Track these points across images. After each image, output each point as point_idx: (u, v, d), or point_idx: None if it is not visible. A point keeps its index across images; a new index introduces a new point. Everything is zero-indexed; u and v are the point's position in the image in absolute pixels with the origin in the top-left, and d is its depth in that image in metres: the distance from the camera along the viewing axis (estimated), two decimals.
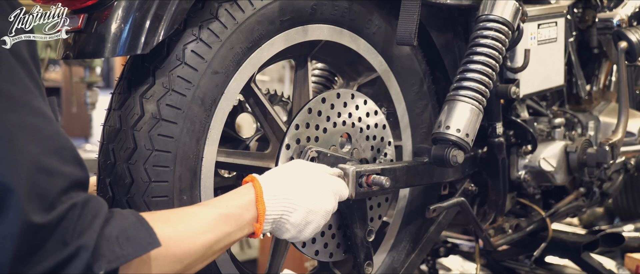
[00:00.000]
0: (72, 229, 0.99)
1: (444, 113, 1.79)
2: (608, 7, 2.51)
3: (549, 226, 2.32)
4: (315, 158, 1.61)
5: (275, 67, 5.23)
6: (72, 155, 1.03)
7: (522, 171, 2.18)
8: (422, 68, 1.94)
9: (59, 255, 0.97)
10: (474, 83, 1.80)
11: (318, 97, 1.66)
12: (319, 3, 1.66)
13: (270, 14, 1.57)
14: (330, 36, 1.71)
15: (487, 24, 1.85)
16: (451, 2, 1.90)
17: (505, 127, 2.11)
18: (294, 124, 1.60)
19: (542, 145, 2.20)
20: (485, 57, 1.82)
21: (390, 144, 1.82)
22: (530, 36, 2.10)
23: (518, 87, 2.03)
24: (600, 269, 2.51)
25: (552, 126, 2.26)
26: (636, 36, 2.31)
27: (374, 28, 1.79)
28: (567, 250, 2.52)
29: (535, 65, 2.10)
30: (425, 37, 1.94)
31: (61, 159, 1.00)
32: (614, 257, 2.85)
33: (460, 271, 2.80)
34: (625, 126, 2.31)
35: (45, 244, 0.96)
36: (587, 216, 3.31)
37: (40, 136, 0.98)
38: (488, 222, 2.16)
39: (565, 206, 2.39)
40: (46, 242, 0.96)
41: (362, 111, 1.74)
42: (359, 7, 1.75)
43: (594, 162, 2.24)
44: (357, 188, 1.62)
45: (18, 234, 0.93)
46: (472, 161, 2.06)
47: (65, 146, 1.02)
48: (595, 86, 2.56)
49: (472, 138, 1.79)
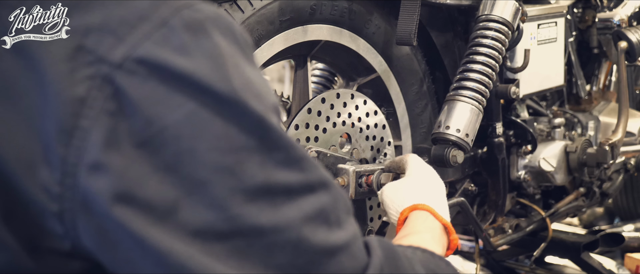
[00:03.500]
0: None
1: (443, 113, 1.79)
2: (608, 7, 2.51)
3: (549, 226, 2.32)
4: (315, 159, 1.61)
5: (275, 67, 5.23)
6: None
7: (522, 171, 2.18)
8: (422, 68, 1.94)
9: None
10: (474, 83, 1.80)
11: (318, 97, 1.66)
12: (319, 3, 1.66)
13: (270, 14, 1.57)
14: (330, 36, 1.72)
15: (487, 24, 1.85)
16: (451, 2, 1.90)
17: (505, 127, 2.11)
18: (294, 124, 1.60)
19: (542, 145, 2.20)
20: (485, 57, 1.82)
21: (390, 144, 1.82)
22: (530, 36, 2.10)
23: (518, 87, 2.03)
24: (600, 269, 2.51)
25: (552, 126, 2.26)
26: (636, 36, 2.31)
27: (373, 28, 1.79)
28: (567, 250, 2.52)
29: (535, 65, 2.10)
30: (425, 37, 1.94)
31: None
32: (614, 257, 2.84)
33: (460, 271, 2.80)
34: (625, 126, 2.31)
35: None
36: (587, 216, 3.31)
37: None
38: (488, 222, 2.16)
39: (565, 206, 2.38)
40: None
41: (362, 111, 1.74)
42: (359, 7, 1.75)
43: (594, 162, 2.24)
44: (356, 188, 1.62)
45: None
46: (472, 161, 2.06)
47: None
48: (595, 86, 2.56)
49: (472, 138, 1.79)
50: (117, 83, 0.79)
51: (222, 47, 0.82)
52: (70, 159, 0.79)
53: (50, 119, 0.80)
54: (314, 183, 0.86)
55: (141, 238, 0.78)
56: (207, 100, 0.80)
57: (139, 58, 0.79)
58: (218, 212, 0.79)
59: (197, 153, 0.79)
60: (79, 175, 0.79)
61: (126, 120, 0.78)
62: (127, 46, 0.80)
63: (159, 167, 0.78)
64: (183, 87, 0.79)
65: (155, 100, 0.79)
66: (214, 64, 0.81)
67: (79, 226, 0.80)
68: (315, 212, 0.84)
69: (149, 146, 0.78)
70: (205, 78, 0.80)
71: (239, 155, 0.80)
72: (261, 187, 0.81)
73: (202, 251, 0.79)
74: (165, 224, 0.78)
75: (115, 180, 0.78)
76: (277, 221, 0.82)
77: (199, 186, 0.79)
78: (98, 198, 0.78)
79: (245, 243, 0.80)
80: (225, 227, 0.80)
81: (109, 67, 0.79)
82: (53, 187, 0.80)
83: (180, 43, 0.80)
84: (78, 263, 0.84)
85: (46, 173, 0.80)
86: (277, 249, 0.82)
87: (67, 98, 0.79)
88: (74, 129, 0.79)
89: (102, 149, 0.78)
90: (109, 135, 0.78)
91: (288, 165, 0.84)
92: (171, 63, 0.79)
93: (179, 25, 0.81)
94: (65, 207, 0.80)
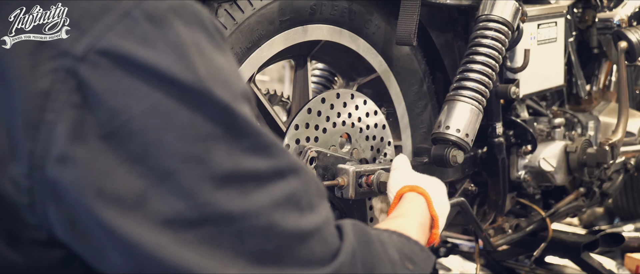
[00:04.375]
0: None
1: (443, 113, 1.79)
2: (608, 7, 2.51)
3: (549, 226, 2.32)
4: (315, 159, 1.61)
5: (275, 67, 5.23)
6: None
7: (522, 171, 2.18)
8: (422, 68, 1.94)
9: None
10: (474, 83, 1.80)
11: (318, 97, 1.66)
12: (319, 3, 1.66)
13: (270, 14, 1.57)
14: (330, 36, 1.72)
15: (487, 24, 1.85)
16: (451, 2, 1.90)
17: (505, 127, 2.11)
18: (294, 124, 1.60)
19: (542, 145, 2.20)
20: (485, 57, 1.82)
21: (390, 144, 1.82)
22: (530, 36, 2.10)
23: (518, 87, 2.03)
24: (600, 269, 2.51)
25: (552, 126, 2.26)
26: (636, 36, 2.32)
27: (373, 28, 1.79)
28: (567, 250, 2.52)
29: (535, 65, 2.10)
30: (425, 37, 1.94)
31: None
32: (614, 257, 2.85)
33: (460, 271, 2.80)
34: (625, 126, 2.31)
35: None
36: (587, 216, 3.31)
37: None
38: (488, 222, 2.16)
39: (565, 206, 2.39)
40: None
41: (362, 111, 1.74)
42: (359, 7, 1.75)
43: (594, 162, 2.24)
44: (356, 188, 1.62)
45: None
46: (472, 161, 2.06)
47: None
48: (595, 86, 2.56)
49: (472, 138, 1.79)
50: (80, 76, 0.79)
51: (185, 37, 0.82)
52: (37, 152, 0.79)
53: (17, 114, 0.80)
54: (284, 168, 0.86)
55: (110, 229, 0.78)
56: (171, 90, 0.80)
57: (101, 50, 0.79)
58: (187, 201, 0.80)
59: (163, 143, 0.79)
60: (47, 168, 0.79)
61: (91, 112, 0.79)
62: (89, 38, 0.80)
63: (126, 158, 0.79)
64: (147, 78, 0.79)
65: (119, 92, 0.79)
66: (177, 54, 0.81)
67: (50, 217, 0.81)
68: (285, 197, 0.85)
69: (115, 138, 0.79)
70: (169, 68, 0.80)
71: (205, 144, 0.81)
72: (229, 174, 0.81)
73: (172, 240, 0.79)
74: (134, 214, 0.79)
75: (83, 172, 0.78)
76: (246, 208, 0.82)
77: (166, 176, 0.79)
78: (66, 189, 0.79)
79: (215, 230, 0.81)
80: (194, 215, 0.80)
81: (72, 59, 0.80)
82: (22, 181, 0.80)
83: (143, 34, 0.80)
84: (58, 251, 0.85)
85: (15, 168, 0.80)
86: (248, 235, 0.82)
87: (31, 92, 0.80)
88: (39, 122, 0.79)
89: (68, 141, 0.78)
90: (75, 127, 0.79)
91: (256, 152, 0.84)
92: (134, 54, 0.79)
93: (141, 16, 0.81)
94: (36, 199, 0.81)
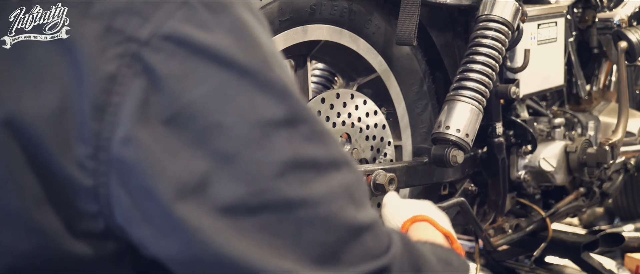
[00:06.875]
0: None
1: (443, 113, 1.79)
2: (608, 7, 2.51)
3: (549, 226, 2.32)
4: None
5: None
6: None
7: (522, 171, 2.18)
8: (422, 68, 1.94)
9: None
10: (474, 83, 1.80)
11: (317, 97, 1.66)
12: (319, 3, 1.66)
13: (270, 14, 1.57)
14: (330, 36, 1.71)
15: (487, 24, 1.85)
16: (451, 2, 1.90)
17: (505, 127, 2.11)
18: None
19: (542, 145, 2.20)
20: (485, 57, 1.82)
21: (390, 144, 1.82)
22: (530, 36, 2.10)
23: (518, 87, 2.03)
24: (600, 269, 2.51)
25: (552, 126, 2.26)
26: (636, 36, 2.31)
27: (373, 28, 1.79)
28: (567, 250, 2.52)
29: (535, 65, 2.10)
30: (425, 37, 1.94)
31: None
32: (614, 257, 2.84)
33: None
34: (625, 126, 2.31)
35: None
36: (587, 216, 3.31)
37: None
38: (488, 222, 2.16)
39: (565, 206, 2.38)
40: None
41: (362, 111, 1.74)
42: (359, 7, 1.75)
43: (594, 162, 2.24)
44: None
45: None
46: (472, 161, 2.06)
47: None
48: (595, 86, 2.56)
49: (472, 138, 1.79)
50: (145, 60, 0.81)
51: (241, 21, 0.84)
52: (103, 134, 0.80)
53: (85, 97, 0.81)
54: (339, 159, 0.85)
55: (169, 212, 0.78)
56: (231, 72, 0.81)
57: (164, 34, 0.81)
58: (247, 186, 0.79)
59: (224, 127, 0.80)
60: (112, 149, 0.80)
61: (155, 95, 0.80)
62: (152, 24, 0.82)
63: (188, 141, 0.79)
64: (207, 61, 0.81)
65: (181, 75, 0.80)
66: (235, 37, 0.82)
67: (112, 201, 0.82)
68: (342, 189, 0.84)
69: (177, 121, 0.80)
70: (228, 51, 0.81)
71: (266, 128, 0.81)
72: (289, 161, 0.81)
73: (231, 226, 0.79)
74: (194, 199, 0.79)
75: (146, 153, 0.79)
76: (306, 196, 0.81)
77: (228, 160, 0.79)
78: (130, 169, 0.79)
79: (274, 218, 0.80)
80: (255, 202, 0.79)
81: (137, 44, 0.81)
82: (87, 162, 0.81)
83: (202, 19, 0.82)
84: (111, 243, 0.85)
85: (81, 150, 0.81)
86: (307, 225, 0.80)
87: (99, 76, 0.81)
88: (106, 105, 0.80)
89: (133, 123, 0.79)
90: (139, 109, 0.80)
91: (313, 139, 0.83)
92: (195, 38, 0.81)
93: (199, 3, 0.83)
94: (100, 181, 0.81)
